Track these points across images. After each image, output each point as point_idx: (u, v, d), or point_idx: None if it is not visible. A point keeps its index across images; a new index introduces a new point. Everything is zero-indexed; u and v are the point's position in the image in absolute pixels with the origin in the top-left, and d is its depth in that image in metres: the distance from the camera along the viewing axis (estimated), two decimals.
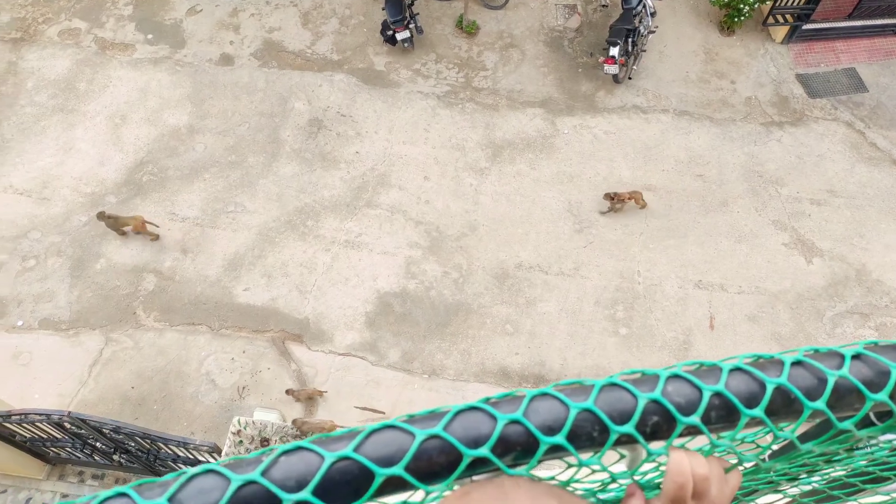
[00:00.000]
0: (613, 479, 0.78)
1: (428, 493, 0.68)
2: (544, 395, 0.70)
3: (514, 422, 0.68)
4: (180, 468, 6.24)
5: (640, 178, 9.15)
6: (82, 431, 5.99)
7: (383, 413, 7.23)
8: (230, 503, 0.62)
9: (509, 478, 0.67)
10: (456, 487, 0.70)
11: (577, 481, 0.83)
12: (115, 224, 8.18)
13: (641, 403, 0.70)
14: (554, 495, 0.65)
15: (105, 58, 10.03)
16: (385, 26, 10.01)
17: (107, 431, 5.83)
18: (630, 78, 10.05)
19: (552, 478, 0.82)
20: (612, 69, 9.55)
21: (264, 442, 5.71)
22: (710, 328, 7.97)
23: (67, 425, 5.88)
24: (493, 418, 0.67)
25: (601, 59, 10.06)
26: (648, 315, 8.07)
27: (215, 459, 6.01)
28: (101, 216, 8.10)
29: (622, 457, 0.75)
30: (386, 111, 9.79)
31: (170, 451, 6.10)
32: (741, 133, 9.68)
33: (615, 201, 8.59)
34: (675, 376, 0.72)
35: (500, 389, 7.57)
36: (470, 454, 0.66)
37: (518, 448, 0.67)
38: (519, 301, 8.20)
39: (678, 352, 7.78)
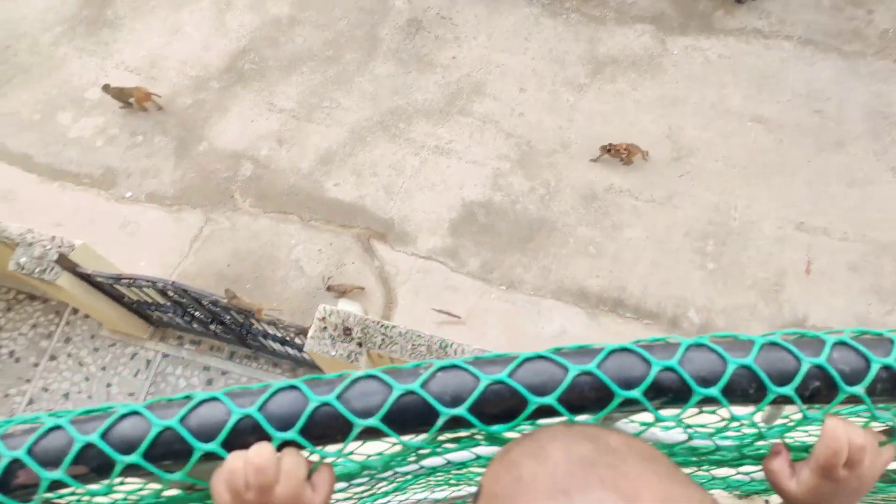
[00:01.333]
0: (762, 436, 0.78)
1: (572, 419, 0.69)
2: (700, 345, 0.71)
3: (669, 369, 0.69)
4: (269, 344, 6.60)
5: (750, 108, 8.63)
6: (183, 300, 6.44)
7: (459, 318, 7.42)
8: (391, 409, 0.67)
9: (545, 429, 0.68)
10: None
11: (710, 428, 0.82)
12: (121, 95, 8.48)
13: (805, 367, 0.69)
14: (588, 437, 0.65)
15: None
16: None
17: (205, 303, 6.25)
18: None
19: (677, 416, 0.81)
20: None
21: (346, 331, 5.97)
22: (807, 273, 7.66)
23: (170, 293, 6.33)
24: (647, 363, 0.69)
25: None
26: (741, 252, 7.81)
27: (301, 340, 6.30)
28: (107, 88, 8.44)
29: (756, 410, 0.74)
30: (487, 16, 9.49)
31: (261, 328, 6.50)
32: (870, 69, 8.90)
33: (610, 153, 8.14)
34: (843, 343, 0.70)
35: (577, 309, 7.60)
36: (622, 395, 0.68)
37: (670, 395, 0.69)
38: (605, 224, 8.07)
39: (767, 294, 7.55)
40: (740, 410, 0.76)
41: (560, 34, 9.36)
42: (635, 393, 0.68)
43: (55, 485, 0.68)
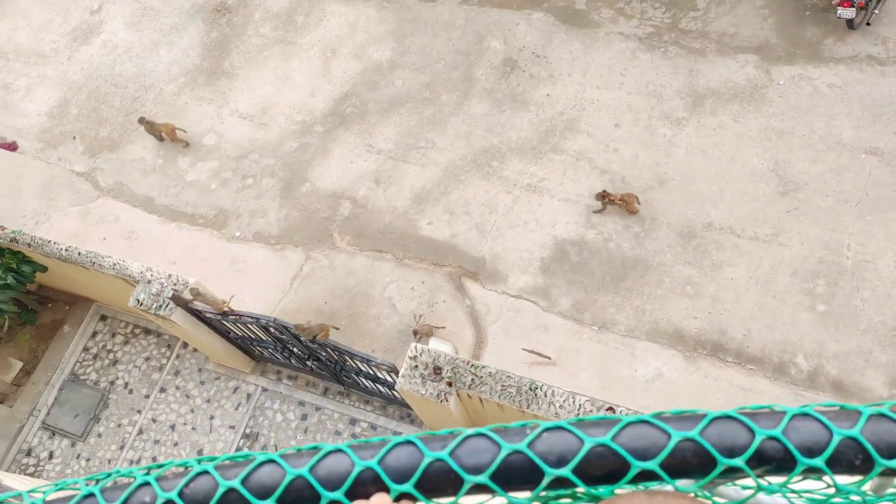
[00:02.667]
0: None
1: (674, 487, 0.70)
2: (805, 415, 0.70)
3: (773, 438, 0.69)
4: (362, 381, 6.79)
5: (864, 139, 8.10)
6: (283, 337, 6.78)
7: (549, 359, 7.35)
8: (500, 467, 0.72)
9: (625, 499, 0.69)
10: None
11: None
12: (152, 129, 9.32)
13: None
14: None
15: None
16: None
17: (303, 339, 6.56)
18: (868, 24, 8.77)
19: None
20: (847, 13, 8.38)
21: (437, 370, 6.07)
22: None
23: (272, 329, 6.69)
24: (751, 431, 0.69)
25: (836, 0, 8.85)
26: (854, 294, 7.29)
27: (392, 378, 6.45)
28: (142, 121, 9.32)
29: (863, 482, 0.73)
30: (582, 53, 9.48)
31: (354, 365, 6.73)
32: None
33: (605, 201, 7.92)
34: None
35: (673, 352, 7.34)
36: (724, 462, 0.69)
37: (773, 464, 0.69)
38: (704, 263, 7.78)
39: (885, 339, 6.98)
40: (846, 479, 0.74)
41: (657, 67, 9.21)
42: (738, 461, 0.69)
43: None
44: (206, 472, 0.76)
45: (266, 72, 10.12)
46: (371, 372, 6.70)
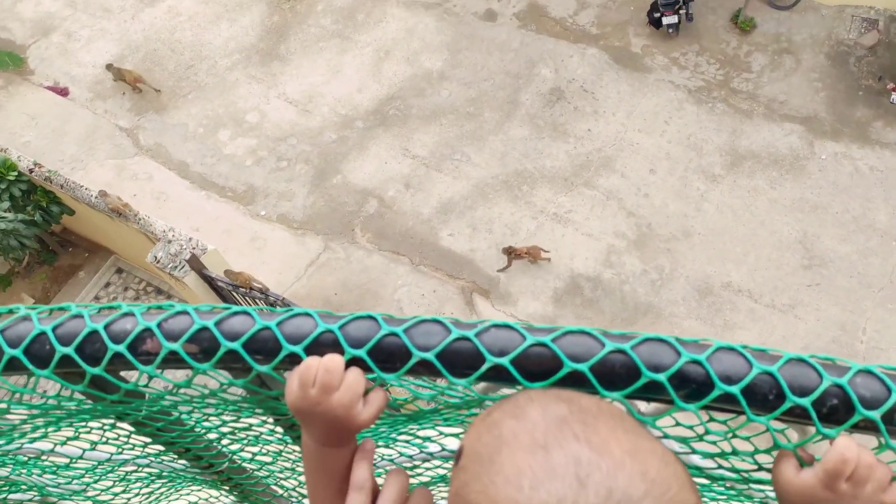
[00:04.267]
0: (777, 446, 0.79)
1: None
2: (731, 349, 0.76)
3: (696, 362, 0.74)
4: None
5: None
6: None
7: None
8: (446, 349, 0.78)
9: (523, 393, 0.74)
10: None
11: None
12: (119, 75, 9.73)
13: (825, 384, 0.72)
14: (563, 399, 0.71)
15: None
16: (654, 7, 9.64)
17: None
18: None
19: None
20: None
21: None
22: None
23: (279, 307, 6.75)
24: (678, 353, 0.75)
25: (891, 85, 8.84)
26: None
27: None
28: (109, 67, 9.80)
29: (771, 416, 0.76)
30: (630, 95, 9.53)
31: None
32: None
33: (512, 256, 7.95)
34: (868, 371, 0.73)
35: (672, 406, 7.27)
36: (648, 376, 0.74)
37: (693, 385, 0.74)
38: (716, 322, 7.72)
39: None
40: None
41: (702, 121, 9.22)
42: (661, 376, 0.73)
43: (170, 357, 0.81)
44: (185, 312, 0.83)
45: (319, 62, 10.30)
46: None
